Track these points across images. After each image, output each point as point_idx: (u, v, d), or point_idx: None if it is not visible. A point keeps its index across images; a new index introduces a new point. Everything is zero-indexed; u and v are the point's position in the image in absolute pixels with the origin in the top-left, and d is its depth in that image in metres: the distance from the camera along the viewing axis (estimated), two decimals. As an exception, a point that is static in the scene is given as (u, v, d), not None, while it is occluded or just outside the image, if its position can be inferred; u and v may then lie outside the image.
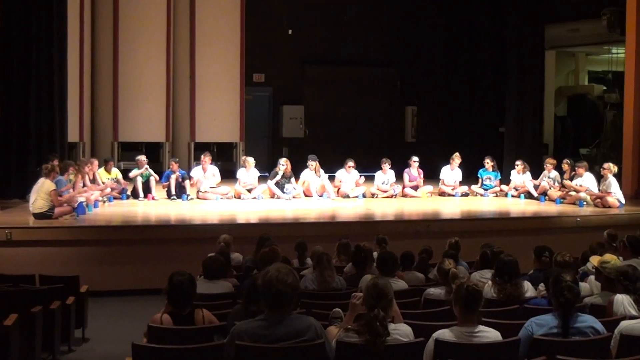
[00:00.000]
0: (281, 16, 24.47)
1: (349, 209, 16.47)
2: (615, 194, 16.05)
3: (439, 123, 24.22)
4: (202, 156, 17.63)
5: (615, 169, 16.41)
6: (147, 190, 17.08)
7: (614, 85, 22.58)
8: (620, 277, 7.28)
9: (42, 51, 16.54)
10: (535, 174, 18.21)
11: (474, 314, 5.99)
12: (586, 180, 16.63)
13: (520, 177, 18.18)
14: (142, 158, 17.44)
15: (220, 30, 22.05)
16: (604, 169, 16.33)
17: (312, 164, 17.88)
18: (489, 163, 18.78)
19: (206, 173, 17.39)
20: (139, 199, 16.91)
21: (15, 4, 16.14)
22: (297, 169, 18.36)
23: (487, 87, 23.47)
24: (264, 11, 24.07)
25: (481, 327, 6.01)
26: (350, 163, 18.10)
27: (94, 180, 16.52)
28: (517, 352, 6.12)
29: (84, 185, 15.84)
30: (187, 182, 17.11)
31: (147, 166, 17.24)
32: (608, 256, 7.85)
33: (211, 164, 17.66)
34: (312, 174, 17.81)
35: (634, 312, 6.94)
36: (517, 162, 18.41)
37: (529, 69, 21.51)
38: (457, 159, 18.72)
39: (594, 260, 8.04)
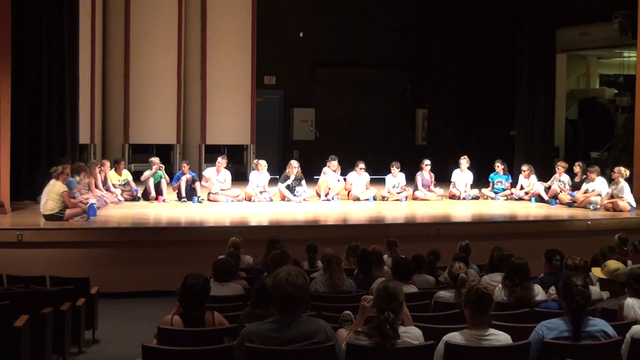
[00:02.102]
0: (292, 18, 24.50)
1: (360, 212, 16.47)
2: (627, 198, 16.01)
3: (450, 126, 24.19)
4: (220, 158, 17.62)
5: (627, 173, 16.36)
6: (157, 192, 17.11)
7: (626, 89, 22.54)
8: (631, 280, 7.24)
9: (53, 53, 16.59)
10: (546, 178, 18.17)
11: (484, 317, 5.99)
12: (598, 185, 16.60)
13: (527, 181, 18.17)
14: (155, 160, 17.46)
15: (232, 33, 22.07)
16: (615, 172, 16.29)
17: (334, 163, 17.92)
18: (499, 166, 18.76)
19: (219, 175, 17.38)
20: (150, 200, 16.95)
21: (26, 6, 16.19)
22: (307, 172, 18.37)
23: (498, 90, 23.43)
24: (275, 13, 24.09)
25: (491, 331, 6.01)
26: (361, 165, 18.10)
27: (105, 182, 16.55)
28: (528, 355, 6.10)
29: (96, 187, 15.90)
30: (197, 184, 17.12)
31: (158, 166, 17.22)
32: (613, 264, 7.76)
33: (225, 167, 17.67)
34: (332, 174, 17.81)
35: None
36: (523, 167, 18.36)
37: (540, 72, 21.49)
38: (464, 161, 18.68)
39: (596, 272, 7.97)
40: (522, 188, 18.26)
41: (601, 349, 6.18)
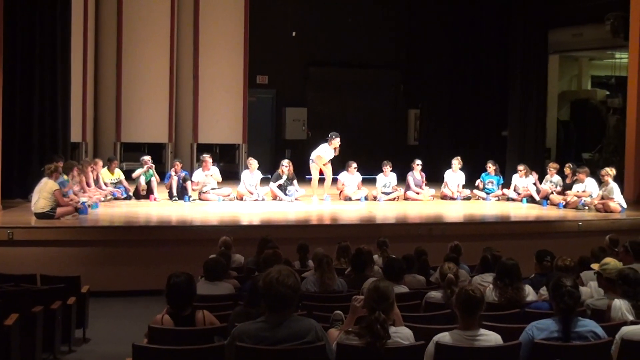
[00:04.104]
0: (285, 18, 24.51)
1: (351, 212, 16.47)
2: (617, 199, 16.04)
3: (442, 126, 24.22)
4: (204, 156, 17.58)
5: (613, 172, 16.36)
6: (149, 190, 17.09)
7: (617, 90, 22.59)
8: (620, 280, 7.25)
9: (45, 50, 16.56)
10: (538, 179, 18.17)
11: (474, 318, 6.00)
12: (588, 186, 16.62)
13: (523, 181, 18.14)
14: (146, 158, 17.43)
15: (224, 32, 22.05)
16: (602, 175, 16.29)
17: (337, 141, 17.60)
18: (491, 167, 18.77)
19: (207, 172, 17.33)
20: (141, 199, 16.93)
21: (19, 4, 16.15)
22: (299, 171, 18.36)
23: (490, 90, 23.47)
24: (268, 13, 24.09)
25: (482, 331, 6.02)
26: (353, 165, 18.10)
27: (97, 181, 16.53)
28: (518, 356, 6.12)
29: (88, 185, 15.88)
30: (188, 183, 17.10)
31: (149, 165, 17.20)
32: (608, 259, 7.84)
33: (213, 164, 17.64)
34: (331, 151, 17.61)
35: (631, 318, 6.91)
36: (520, 167, 18.36)
37: (532, 73, 21.52)
38: (456, 162, 18.68)
39: (595, 266, 8.02)
40: (515, 188, 18.23)
41: (591, 349, 6.19)
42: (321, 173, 17.82)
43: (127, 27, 21.27)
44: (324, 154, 17.60)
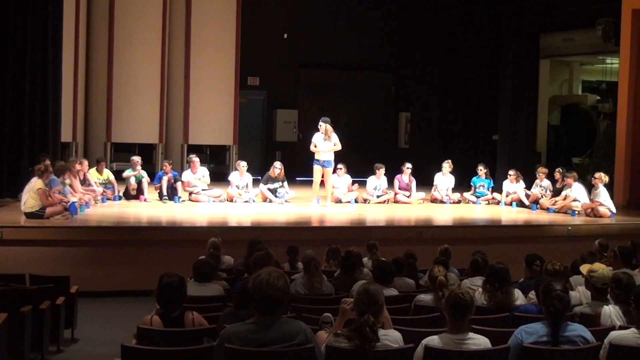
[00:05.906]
0: (277, 20, 24.51)
1: (341, 214, 16.46)
2: (606, 204, 16.05)
3: (433, 129, 24.23)
4: (192, 157, 17.58)
5: (606, 178, 16.39)
6: (139, 191, 17.06)
7: (608, 95, 22.64)
8: (613, 284, 7.26)
9: (36, 50, 16.52)
10: (528, 183, 18.20)
11: (463, 322, 6.00)
12: (574, 191, 16.61)
13: (513, 186, 18.15)
14: (136, 159, 17.40)
15: (216, 33, 22.04)
16: (594, 178, 16.33)
17: (322, 125, 17.15)
18: (482, 170, 18.78)
19: (196, 174, 17.33)
20: (131, 200, 16.90)
21: (10, 3, 16.12)
22: (290, 173, 18.34)
23: (481, 94, 23.51)
24: (260, 15, 24.08)
25: (471, 335, 6.02)
26: (340, 166, 18.04)
27: (84, 181, 16.48)
28: (507, 359, 6.12)
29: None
30: (179, 184, 17.08)
31: (140, 167, 17.19)
32: (597, 265, 7.85)
33: (201, 165, 17.61)
34: (322, 137, 17.07)
35: (620, 324, 6.92)
36: (510, 172, 18.36)
37: (523, 77, 21.56)
38: (446, 165, 18.67)
39: (584, 269, 8.04)
40: (507, 195, 18.19)
41: (579, 354, 6.21)
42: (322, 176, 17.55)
43: (119, 27, 21.24)
44: (317, 141, 17.24)
